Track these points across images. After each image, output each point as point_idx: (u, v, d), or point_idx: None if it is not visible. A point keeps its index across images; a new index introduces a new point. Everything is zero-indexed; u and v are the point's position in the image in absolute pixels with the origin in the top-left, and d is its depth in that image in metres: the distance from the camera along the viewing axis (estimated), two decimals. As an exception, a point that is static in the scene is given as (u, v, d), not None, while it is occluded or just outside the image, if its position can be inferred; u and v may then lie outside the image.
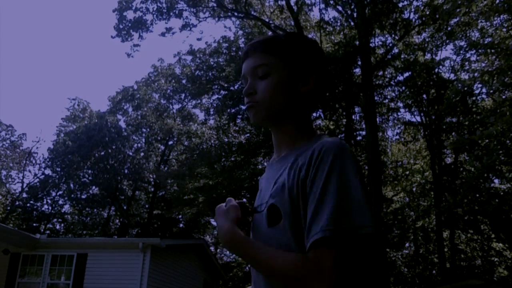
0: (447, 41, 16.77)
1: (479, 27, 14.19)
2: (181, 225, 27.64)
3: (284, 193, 0.99)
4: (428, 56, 17.99)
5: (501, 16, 11.45)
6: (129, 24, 17.05)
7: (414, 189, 20.29)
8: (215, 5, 17.23)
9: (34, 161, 27.77)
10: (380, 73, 17.89)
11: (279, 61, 1.10)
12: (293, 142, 1.10)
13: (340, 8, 15.97)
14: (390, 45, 16.81)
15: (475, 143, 11.15)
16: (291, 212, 0.97)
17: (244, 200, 1.11)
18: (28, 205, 26.40)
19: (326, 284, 0.85)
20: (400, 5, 15.54)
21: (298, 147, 1.07)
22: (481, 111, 15.52)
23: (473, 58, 16.19)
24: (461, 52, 16.68)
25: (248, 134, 20.17)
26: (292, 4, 16.59)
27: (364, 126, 16.40)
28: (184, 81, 22.73)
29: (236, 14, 17.82)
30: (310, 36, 18.46)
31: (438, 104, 16.92)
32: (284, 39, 1.13)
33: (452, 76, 18.06)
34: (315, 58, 1.13)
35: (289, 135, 1.11)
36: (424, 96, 18.67)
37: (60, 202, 27.63)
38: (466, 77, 16.66)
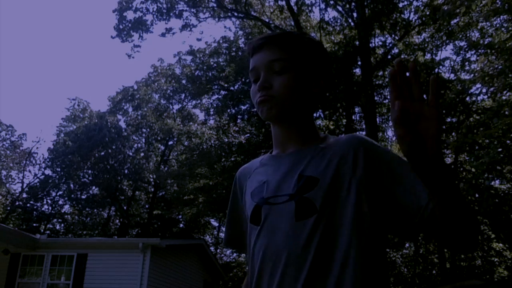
0: (447, 41, 16.76)
1: (479, 27, 14.18)
2: (181, 225, 27.64)
3: (321, 187, 1.00)
4: (428, 56, 17.99)
5: (501, 17, 11.44)
6: (129, 25, 17.05)
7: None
8: (215, 5, 17.24)
9: (34, 161, 27.79)
10: (380, 73, 17.88)
11: (295, 58, 1.09)
12: (302, 140, 1.11)
13: (340, 8, 15.98)
14: (390, 45, 16.82)
15: (476, 143, 11.15)
16: (332, 204, 0.98)
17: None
18: (28, 205, 26.40)
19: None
20: (400, 5, 15.56)
21: (312, 145, 1.10)
22: (481, 111, 15.51)
23: (473, 58, 16.19)
24: (461, 52, 16.68)
25: (248, 134, 20.16)
26: (292, 4, 16.60)
27: (364, 126, 16.41)
28: (184, 81, 22.72)
29: (236, 14, 17.83)
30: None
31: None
32: (301, 37, 1.13)
33: (452, 76, 18.06)
34: (326, 62, 1.15)
35: (296, 132, 1.12)
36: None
37: (60, 202, 27.66)
38: (467, 77, 16.67)
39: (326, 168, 1.02)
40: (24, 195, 26.69)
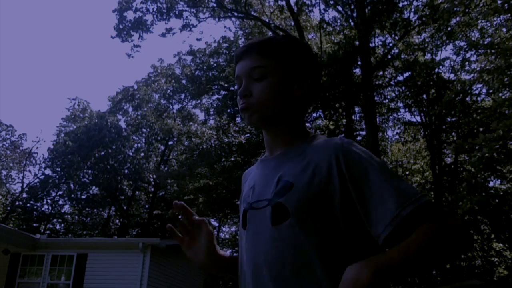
0: (447, 41, 16.77)
1: (479, 27, 14.19)
2: (181, 225, 27.59)
3: (295, 192, 1.00)
4: (428, 56, 17.99)
5: (501, 16, 11.44)
6: (129, 25, 17.06)
7: (414, 189, 20.24)
8: (215, 5, 17.24)
9: (34, 161, 27.80)
10: (380, 73, 17.88)
11: (275, 63, 1.10)
12: (288, 142, 1.12)
13: (340, 8, 15.98)
14: (390, 45, 16.82)
15: (475, 145, 11.15)
16: (305, 209, 0.98)
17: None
18: (28, 205, 26.40)
19: (452, 221, 0.89)
20: (400, 5, 15.56)
21: (296, 146, 1.10)
22: (481, 111, 15.52)
23: (473, 58, 16.20)
24: (461, 52, 16.69)
25: (248, 134, 20.17)
26: (292, 4, 16.60)
27: (364, 126, 16.41)
28: (184, 81, 22.73)
29: (236, 14, 17.83)
30: (310, 36, 18.50)
31: (438, 104, 16.93)
32: (280, 42, 1.14)
33: (452, 76, 18.07)
34: (309, 62, 1.15)
35: (282, 136, 1.13)
36: (424, 96, 18.68)
37: (60, 202, 27.66)
38: (467, 77, 16.67)
39: (302, 173, 1.02)
40: (24, 195, 26.69)
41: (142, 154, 28.45)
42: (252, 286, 1.02)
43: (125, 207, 27.38)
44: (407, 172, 20.41)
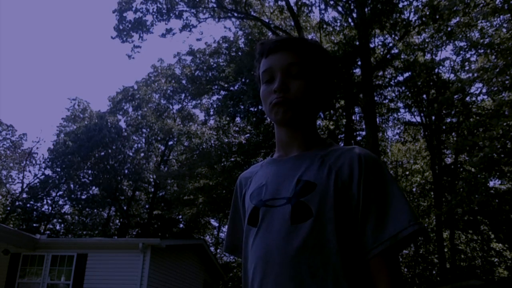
0: (447, 41, 16.76)
1: (479, 28, 14.17)
2: (181, 225, 27.63)
3: (318, 192, 1.02)
4: (428, 56, 17.99)
5: (501, 16, 11.44)
6: (129, 25, 17.04)
7: (414, 189, 20.31)
8: (215, 5, 17.24)
9: (34, 161, 27.79)
10: (380, 73, 17.88)
11: (310, 64, 1.12)
12: (306, 144, 1.13)
13: (340, 8, 15.97)
14: (390, 45, 16.81)
15: (476, 144, 11.14)
16: (327, 210, 1.00)
17: None
18: (28, 205, 26.39)
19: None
20: (400, 5, 15.55)
21: (315, 150, 1.12)
22: (481, 112, 15.53)
23: (473, 59, 16.19)
24: (461, 52, 16.67)
25: (248, 134, 20.17)
26: (292, 4, 16.60)
27: (364, 126, 16.40)
28: (184, 82, 22.72)
29: (236, 14, 17.83)
30: (310, 36, 18.48)
31: (438, 104, 16.93)
32: (315, 45, 1.17)
33: (452, 76, 18.07)
34: (333, 69, 1.21)
35: (302, 136, 1.14)
36: (424, 96, 18.68)
37: (60, 202, 27.65)
38: (466, 76, 16.66)
39: (324, 175, 1.04)
40: (24, 195, 26.68)
41: (142, 154, 28.45)
42: (264, 282, 1.01)
43: (125, 207, 27.37)
44: (407, 172, 20.42)
